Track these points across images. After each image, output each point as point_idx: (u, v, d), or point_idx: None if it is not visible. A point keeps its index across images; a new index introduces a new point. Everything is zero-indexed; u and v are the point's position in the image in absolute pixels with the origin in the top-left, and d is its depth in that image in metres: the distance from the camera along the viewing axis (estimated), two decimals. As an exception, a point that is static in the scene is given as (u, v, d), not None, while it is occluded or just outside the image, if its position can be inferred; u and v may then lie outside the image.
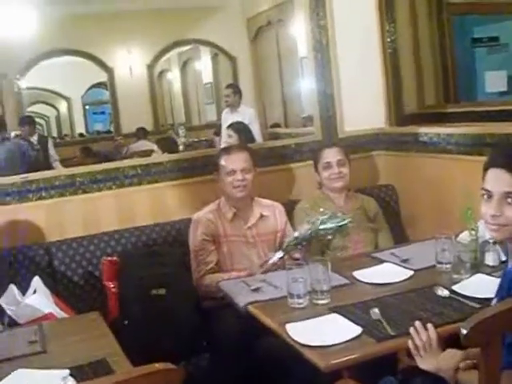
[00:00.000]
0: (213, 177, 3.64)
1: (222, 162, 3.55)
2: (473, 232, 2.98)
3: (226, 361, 3.11)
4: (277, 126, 7.53)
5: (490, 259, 2.92)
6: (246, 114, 6.51)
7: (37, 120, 9.29)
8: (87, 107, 11.49)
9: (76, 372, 2.15)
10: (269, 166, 4.05)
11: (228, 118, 6.60)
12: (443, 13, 5.35)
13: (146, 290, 3.22)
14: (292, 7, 6.60)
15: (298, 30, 6.53)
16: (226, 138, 5.39)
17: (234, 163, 3.52)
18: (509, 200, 1.96)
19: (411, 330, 2.18)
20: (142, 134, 8.63)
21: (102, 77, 9.97)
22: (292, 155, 4.23)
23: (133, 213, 3.85)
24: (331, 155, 3.75)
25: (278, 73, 8.03)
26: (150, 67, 9.93)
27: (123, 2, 8.63)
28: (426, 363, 2.15)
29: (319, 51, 4.25)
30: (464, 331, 1.67)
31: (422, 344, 2.15)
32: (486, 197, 2.02)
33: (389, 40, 4.50)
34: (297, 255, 3.21)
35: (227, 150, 3.64)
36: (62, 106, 11.31)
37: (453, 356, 2.12)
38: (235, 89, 7.07)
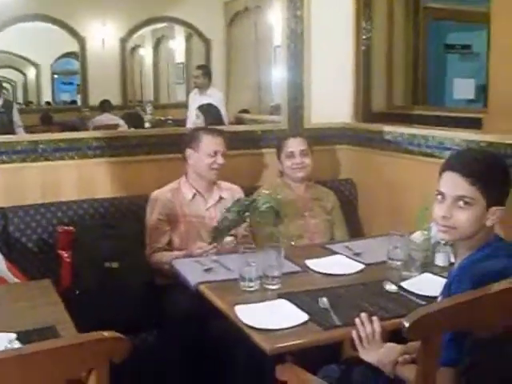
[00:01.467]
0: (183, 154, 3.61)
1: (204, 141, 3.55)
2: (425, 232, 3.04)
3: (174, 339, 3.14)
4: (245, 111, 7.53)
5: (440, 260, 2.98)
6: (215, 97, 6.51)
7: (3, 85, 9.15)
8: (56, 76, 11.33)
9: (23, 336, 2.13)
10: (233, 150, 4.05)
11: (196, 99, 6.61)
12: (419, 16, 5.41)
13: (100, 262, 3.23)
14: (270, -5, 6.61)
15: (275, 18, 6.55)
16: (194, 119, 5.40)
17: (217, 145, 3.55)
18: (460, 203, 2.01)
19: (356, 320, 2.23)
20: (106, 106, 8.52)
21: (74, 47, 9.84)
22: (257, 141, 4.26)
23: (93, 185, 3.83)
24: (295, 145, 3.78)
25: (251, 59, 8.02)
26: (123, 41, 9.84)
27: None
28: (367, 355, 2.20)
29: (293, 41, 4.26)
30: (406, 324, 1.70)
31: (366, 335, 2.20)
32: (439, 198, 2.07)
33: (364, 37, 4.54)
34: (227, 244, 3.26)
35: (210, 132, 3.65)
36: (31, 73, 11.14)
37: (393, 349, 2.17)
38: (205, 70, 7.08)
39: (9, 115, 7.28)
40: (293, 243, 3.58)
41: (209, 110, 5.32)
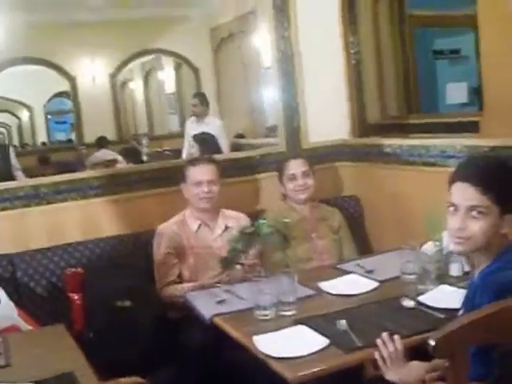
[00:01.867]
0: (180, 187, 3.62)
1: (189, 172, 3.56)
2: (437, 243, 3.02)
3: (191, 373, 3.10)
4: (240, 136, 7.52)
5: (455, 270, 2.95)
6: (213, 125, 6.51)
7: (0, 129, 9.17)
8: (49, 116, 11.36)
9: (42, 387, 2.13)
10: (234, 177, 4.05)
11: (193, 127, 6.60)
12: (405, 25, 5.43)
13: (112, 302, 3.19)
14: (255, 18, 6.60)
15: (261, 41, 6.56)
16: (189, 149, 5.39)
17: (201, 174, 3.53)
18: (473, 214, 1.98)
19: (378, 341, 2.20)
20: (103, 142, 8.53)
21: (65, 86, 9.87)
22: (257, 166, 4.24)
23: (97, 224, 3.81)
24: (296, 167, 3.77)
25: (241, 84, 8.03)
26: (113, 76, 9.86)
27: (86, 12, 8.54)
28: (391, 374, 2.17)
29: (284, 62, 4.26)
30: (432, 342, 1.68)
31: (389, 355, 2.17)
32: (451, 210, 2.04)
33: (352, 51, 4.55)
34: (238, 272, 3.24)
35: (194, 162, 3.65)
36: (24, 115, 11.16)
37: (417, 368, 2.14)
38: (202, 98, 7.05)
39: (6, 160, 7.25)
40: (303, 266, 3.54)
41: (203, 139, 5.30)
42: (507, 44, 3.56)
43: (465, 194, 2.00)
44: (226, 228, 3.58)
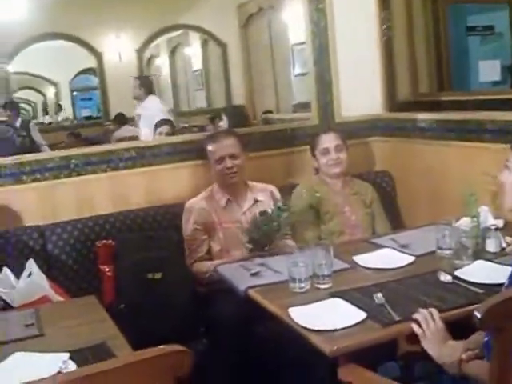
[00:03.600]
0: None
1: (209, 148, 3.52)
2: (475, 218, 2.97)
3: (224, 346, 3.08)
4: (269, 112, 7.49)
5: (492, 246, 2.90)
6: (151, 107, 6.58)
7: (24, 105, 9.19)
8: (75, 93, 11.38)
9: (76, 356, 2.10)
10: (265, 151, 4.02)
11: (137, 110, 6.78)
12: (438, 0, 5.34)
13: (143, 274, 3.18)
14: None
15: (292, 15, 6.50)
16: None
17: (221, 150, 3.48)
18: None
19: (418, 315, 2.16)
20: (121, 119, 8.51)
21: (91, 62, 9.87)
22: (289, 140, 4.19)
23: (128, 196, 3.80)
24: (329, 141, 3.72)
25: (268, 60, 7.99)
26: (139, 52, 9.84)
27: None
28: (430, 345, 2.13)
29: (317, 35, 4.21)
30: (478, 315, 1.64)
31: (429, 329, 2.14)
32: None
33: (384, 27, 4.47)
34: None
35: (213, 137, 3.61)
36: (50, 92, 11.21)
37: (455, 348, 2.10)
38: (141, 81, 7.14)
39: (28, 135, 7.26)
40: (336, 240, 3.52)
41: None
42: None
43: None
44: (256, 201, 3.53)
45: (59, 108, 11.24)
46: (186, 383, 1.61)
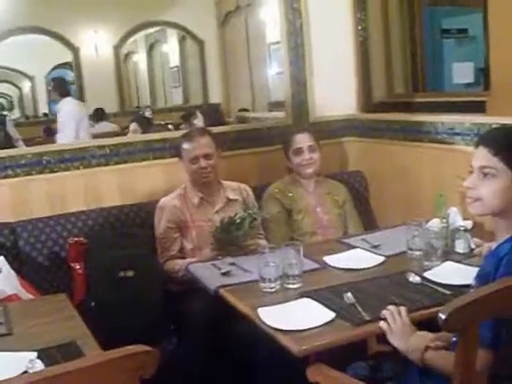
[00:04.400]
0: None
1: (184, 147, 3.50)
2: (444, 220, 2.99)
3: (194, 345, 3.09)
4: (245, 110, 7.49)
5: (460, 247, 2.93)
6: (63, 109, 6.52)
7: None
8: (50, 88, 11.27)
9: (44, 355, 2.09)
10: (239, 150, 4.03)
11: None
12: (414, 2, 5.38)
13: (114, 272, 3.16)
14: (263, -9, 6.55)
15: (268, 15, 6.50)
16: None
17: (196, 149, 3.46)
18: (484, 174, 2.00)
19: (385, 312, 2.19)
20: (101, 114, 8.46)
21: (68, 57, 9.79)
22: (263, 139, 4.19)
23: (100, 193, 3.78)
24: (302, 141, 3.72)
25: (245, 58, 7.98)
26: (117, 48, 9.78)
27: (91, -19, 8.50)
28: (397, 338, 2.16)
29: (293, 34, 4.21)
30: (443, 316, 1.66)
31: (395, 324, 2.16)
32: (469, 173, 2.05)
33: (360, 28, 4.49)
34: None
35: (188, 136, 3.57)
36: (26, 86, 11.10)
37: (423, 337, 2.12)
38: (55, 83, 7.06)
39: (3, 130, 7.18)
40: (308, 240, 3.53)
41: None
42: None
43: (478, 155, 2.02)
44: (228, 200, 3.53)
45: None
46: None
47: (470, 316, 1.70)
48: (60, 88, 6.79)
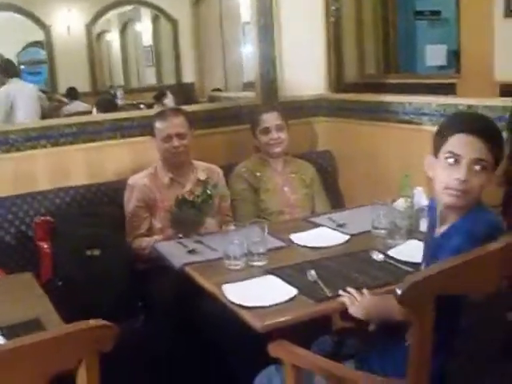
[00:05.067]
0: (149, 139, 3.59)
1: (157, 126, 3.49)
2: (408, 199, 3.02)
3: (160, 323, 3.11)
4: (218, 90, 7.47)
5: (424, 226, 2.93)
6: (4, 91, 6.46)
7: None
8: (22, 67, 11.15)
9: (7, 331, 2.10)
10: (208, 129, 4.02)
11: None
12: (387, -17, 5.40)
13: (81, 251, 3.17)
14: (235, -30, 6.52)
15: (242, -6, 6.47)
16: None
17: (169, 128, 3.46)
18: (476, 167, 1.95)
19: (345, 296, 2.23)
20: (74, 94, 8.38)
21: (39, 35, 9.69)
22: (232, 118, 4.19)
23: (68, 172, 3.76)
24: (270, 120, 3.72)
25: (219, 38, 7.94)
26: (89, 27, 9.68)
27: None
28: (358, 308, 2.20)
29: (262, 14, 4.20)
30: (399, 291, 1.68)
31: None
32: (451, 161, 1.98)
33: (333, 8, 4.49)
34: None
35: (162, 115, 3.56)
36: (-4, 64, 10.96)
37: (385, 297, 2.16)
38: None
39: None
40: (275, 219, 3.55)
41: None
42: (486, 7, 3.56)
43: (472, 145, 1.95)
44: (199, 181, 3.53)
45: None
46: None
47: (426, 291, 1.73)
48: (5, 71, 6.73)
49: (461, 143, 1.96)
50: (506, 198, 2.57)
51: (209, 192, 3.12)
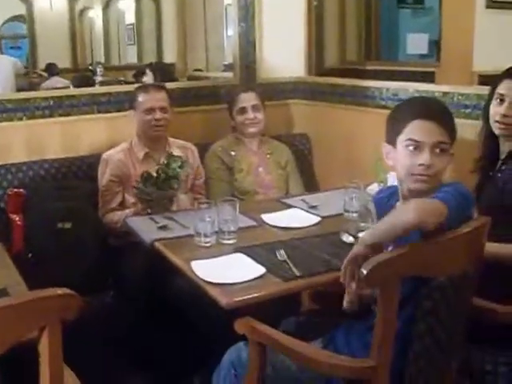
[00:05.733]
0: (127, 114, 3.58)
1: (140, 99, 3.50)
2: (381, 183, 3.04)
3: (130, 298, 3.11)
4: (199, 71, 7.46)
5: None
6: None
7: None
8: (3, 41, 11.05)
9: (-28, 300, 2.09)
10: (185, 107, 4.01)
11: None
12: (372, -30, 5.40)
13: (52, 224, 3.17)
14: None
15: (225, -26, 6.45)
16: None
17: (152, 101, 3.47)
18: (437, 150, 1.99)
19: None
20: (53, 69, 8.31)
21: (21, 9, 9.60)
22: (209, 97, 4.19)
23: (43, 146, 3.73)
24: (247, 100, 3.73)
25: (202, 18, 7.92)
26: (72, 2, 9.62)
27: None
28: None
29: (243, -5, 4.19)
30: (364, 271, 1.70)
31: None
32: (411, 148, 2.01)
33: (315, -8, 4.50)
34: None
35: (145, 88, 3.59)
36: (-23, 38, 10.85)
37: None
38: None
39: None
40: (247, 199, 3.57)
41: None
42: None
43: (431, 130, 1.98)
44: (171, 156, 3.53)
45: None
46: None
47: (391, 272, 1.75)
48: None
49: (420, 129, 2.00)
50: (479, 185, 2.59)
51: (170, 173, 3.09)
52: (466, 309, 2.02)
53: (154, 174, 3.08)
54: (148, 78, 5.05)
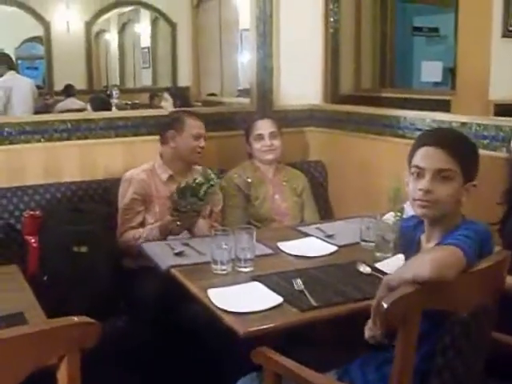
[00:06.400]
0: (163, 136, 3.56)
1: (188, 124, 3.52)
2: (398, 213, 3.03)
3: (143, 323, 3.10)
4: (213, 95, 7.49)
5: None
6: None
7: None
8: (20, 61, 11.14)
9: (-11, 323, 2.09)
10: (203, 133, 4.03)
11: None
12: (387, -2, 5.42)
13: (68, 247, 3.17)
14: (236, -24, 6.56)
15: (241, 0, 6.50)
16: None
17: (200, 128, 3.55)
18: (441, 177, 1.99)
19: None
20: (70, 91, 8.37)
21: (39, 31, 9.68)
22: (226, 123, 4.19)
23: (60, 168, 3.76)
24: (264, 127, 3.75)
25: (217, 43, 7.97)
26: (88, 25, 9.70)
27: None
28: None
29: (262, 21, 4.21)
30: (385, 305, 1.69)
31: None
32: (416, 174, 2.03)
33: (331, 20, 4.51)
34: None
35: (193, 114, 3.64)
36: (-5, 58, 10.94)
37: None
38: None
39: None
40: (265, 226, 3.56)
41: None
42: (484, 26, 3.58)
43: (433, 157, 1.99)
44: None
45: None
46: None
47: (412, 306, 1.74)
48: (7, 63, 6.71)
49: (423, 156, 2.02)
50: (505, 217, 2.58)
51: (212, 182, 3.10)
52: (485, 343, 2.00)
53: (192, 184, 3.09)
54: (168, 104, 5.06)
